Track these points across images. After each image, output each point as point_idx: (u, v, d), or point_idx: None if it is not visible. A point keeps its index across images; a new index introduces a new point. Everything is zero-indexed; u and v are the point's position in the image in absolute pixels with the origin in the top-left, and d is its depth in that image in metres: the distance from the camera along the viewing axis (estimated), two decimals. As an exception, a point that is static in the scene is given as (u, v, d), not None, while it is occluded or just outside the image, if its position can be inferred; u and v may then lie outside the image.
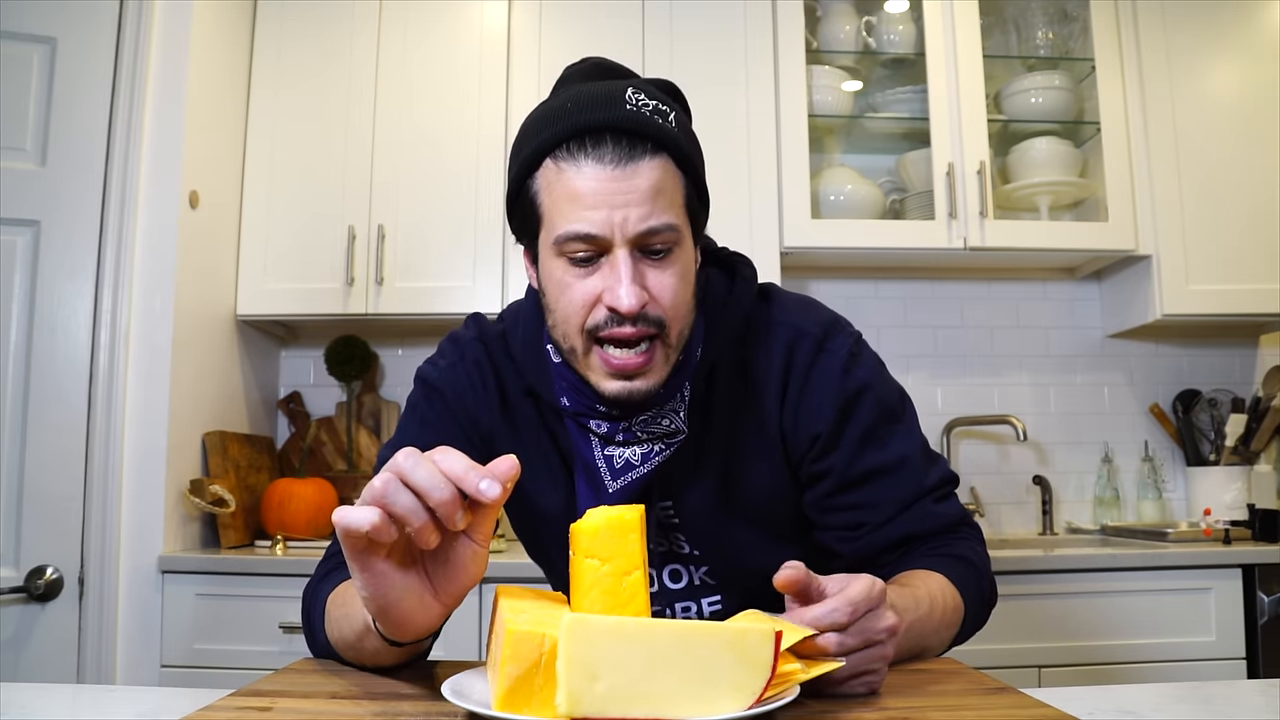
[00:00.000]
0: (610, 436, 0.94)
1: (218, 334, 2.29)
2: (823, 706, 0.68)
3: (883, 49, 2.55)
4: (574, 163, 0.84)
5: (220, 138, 2.29)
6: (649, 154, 0.84)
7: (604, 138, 0.83)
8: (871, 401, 0.97)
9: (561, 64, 0.97)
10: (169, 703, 0.77)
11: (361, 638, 0.79)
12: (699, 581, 1.03)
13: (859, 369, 0.97)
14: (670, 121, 0.87)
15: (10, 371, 1.91)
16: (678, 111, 0.90)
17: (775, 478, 0.99)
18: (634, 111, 0.85)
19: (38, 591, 1.87)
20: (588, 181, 0.83)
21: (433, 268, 2.34)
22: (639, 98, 0.86)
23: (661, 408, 0.94)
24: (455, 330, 1.07)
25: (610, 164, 0.83)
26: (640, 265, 0.85)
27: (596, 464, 0.95)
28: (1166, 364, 2.73)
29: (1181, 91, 2.45)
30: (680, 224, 0.87)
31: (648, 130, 0.84)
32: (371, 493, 0.64)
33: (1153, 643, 2.00)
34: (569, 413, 0.96)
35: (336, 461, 2.53)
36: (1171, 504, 2.64)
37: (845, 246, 2.40)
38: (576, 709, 0.57)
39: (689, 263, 0.90)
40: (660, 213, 0.84)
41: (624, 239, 0.84)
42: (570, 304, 0.87)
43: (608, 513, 0.71)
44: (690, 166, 0.88)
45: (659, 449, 0.95)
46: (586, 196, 0.83)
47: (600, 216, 0.83)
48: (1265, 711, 0.73)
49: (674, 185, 0.87)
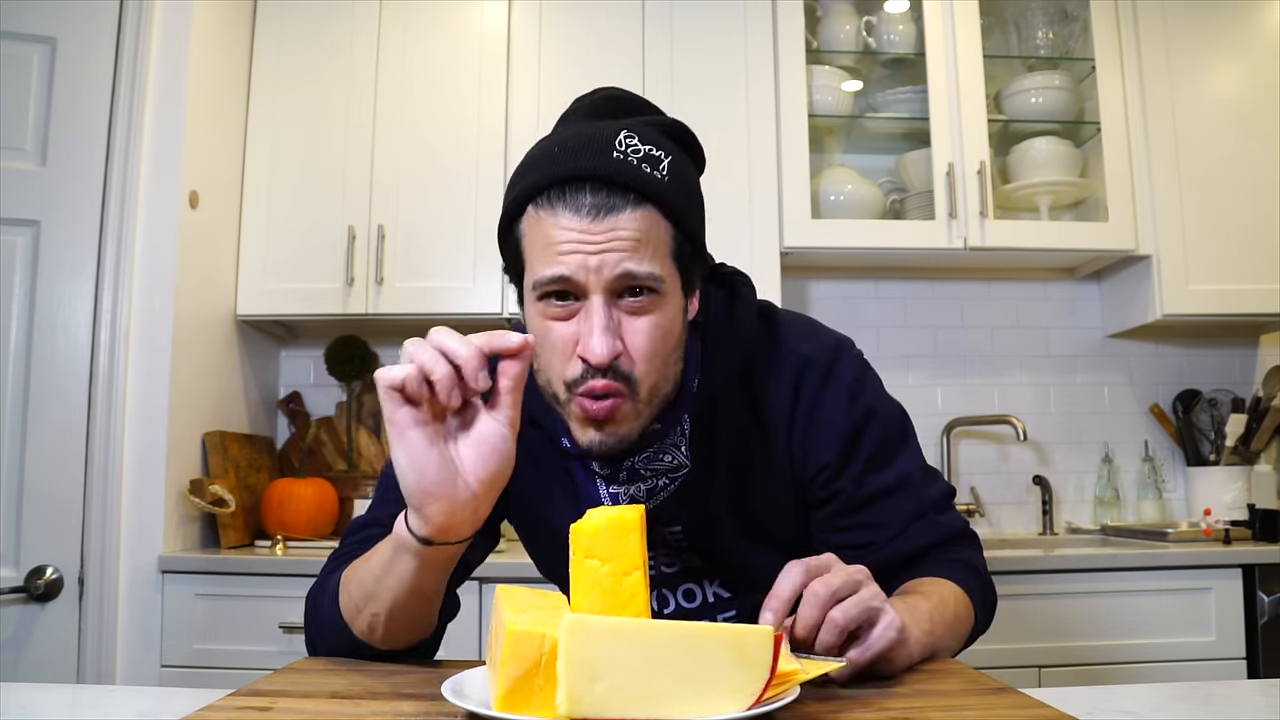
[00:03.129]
0: (613, 477, 0.96)
1: (218, 334, 2.29)
2: (823, 706, 0.68)
3: (883, 49, 2.55)
4: (552, 211, 0.83)
5: (220, 138, 2.29)
6: (630, 205, 0.82)
7: (584, 187, 0.82)
8: (877, 427, 0.98)
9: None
10: (169, 703, 0.77)
11: (391, 563, 0.79)
12: (713, 598, 1.03)
13: (864, 394, 0.98)
14: (661, 170, 0.84)
15: (10, 371, 1.91)
16: (676, 157, 0.87)
17: (784, 501, 1.00)
18: (619, 160, 0.82)
19: (38, 591, 1.87)
20: (564, 231, 0.82)
21: (433, 268, 2.34)
22: (631, 143, 0.84)
23: (661, 443, 0.94)
24: None
25: (588, 215, 0.81)
26: (616, 312, 0.83)
27: (602, 501, 0.97)
28: (1166, 364, 2.73)
29: (1181, 91, 2.45)
30: (664, 274, 0.84)
31: (631, 181, 0.82)
32: (405, 353, 0.71)
33: (1153, 643, 2.00)
34: (571, 454, 0.96)
35: (336, 461, 2.53)
36: (1171, 504, 2.64)
37: (845, 246, 2.41)
38: (576, 709, 0.57)
39: (674, 315, 0.87)
40: (638, 261, 0.82)
41: (600, 285, 0.82)
42: (550, 351, 0.86)
43: (608, 513, 0.71)
44: (680, 217, 0.85)
45: (664, 483, 0.96)
46: (562, 245, 0.82)
47: (576, 261, 0.81)
48: (1265, 711, 0.73)
49: (658, 235, 0.84)
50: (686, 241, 0.87)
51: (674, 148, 0.88)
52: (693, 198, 0.89)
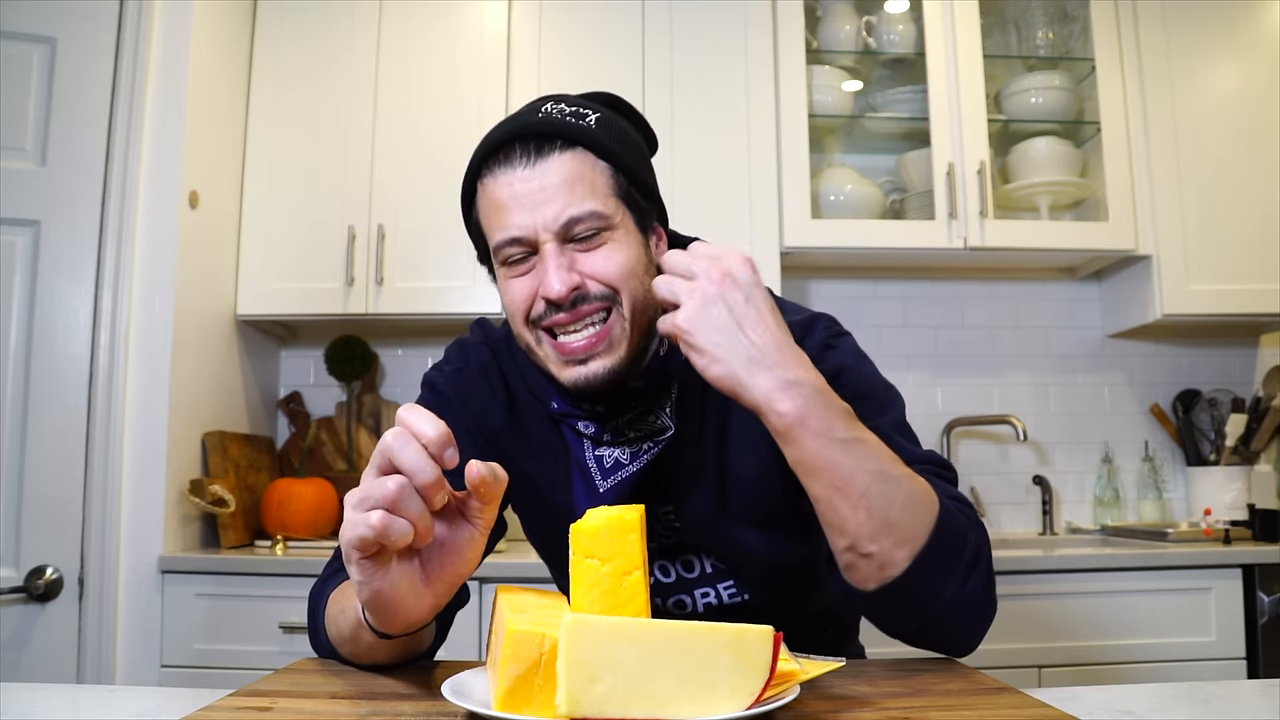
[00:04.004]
0: (598, 437, 0.97)
1: (218, 334, 2.29)
2: (823, 706, 0.68)
3: (883, 49, 2.55)
4: (492, 175, 0.89)
5: (220, 138, 2.29)
6: (558, 150, 0.88)
7: (513, 146, 0.88)
8: (848, 382, 0.91)
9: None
10: (169, 703, 0.77)
11: (355, 632, 0.80)
12: (711, 569, 1.03)
13: (835, 354, 0.96)
14: (587, 121, 0.90)
15: (10, 372, 1.91)
16: (604, 115, 0.92)
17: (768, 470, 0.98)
18: (544, 118, 0.89)
19: (38, 591, 1.87)
20: (503, 188, 0.88)
21: (433, 268, 2.34)
22: (557, 108, 0.91)
23: (650, 406, 0.96)
24: (461, 336, 1.10)
25: (520, 166, 0.87)
26: (569, 255, 0.88)
27: (588, 464, 0.98)
28: (1166, 364, 2.73)
29: (1181, 91, 2.45)
30: (607, 210, 0.88)
31: (555, 129, 0.88)
32: (364, 490, 0.67)
33: (1152, 643, 2.00)
34: (558, 415, 0.98)
35: (336, 461, 2.53)
36: (1171, 504, 2.64)
37: (845, 246, 2.40)
38: (576, 709, 0.57)
39: (632, 246, 0.91)
40: (579, 201, 0.87)
41: (547, 231, 0.87)
42: (513, 303, 0.91)
43: (607, 513, 0.71)
44: (613, 157, 0.90)
45: (648, 447, 0.96)
46: (507, 203, 0.88)
47: (523, 219, 0.87)
48: (1265, 711, 0.73)
49: (592, 174, 0.89)
50: (629, 180, 0.92)
51: (604, 110, 0.94)
52: (627, 144, 0.93)
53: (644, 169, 0.95)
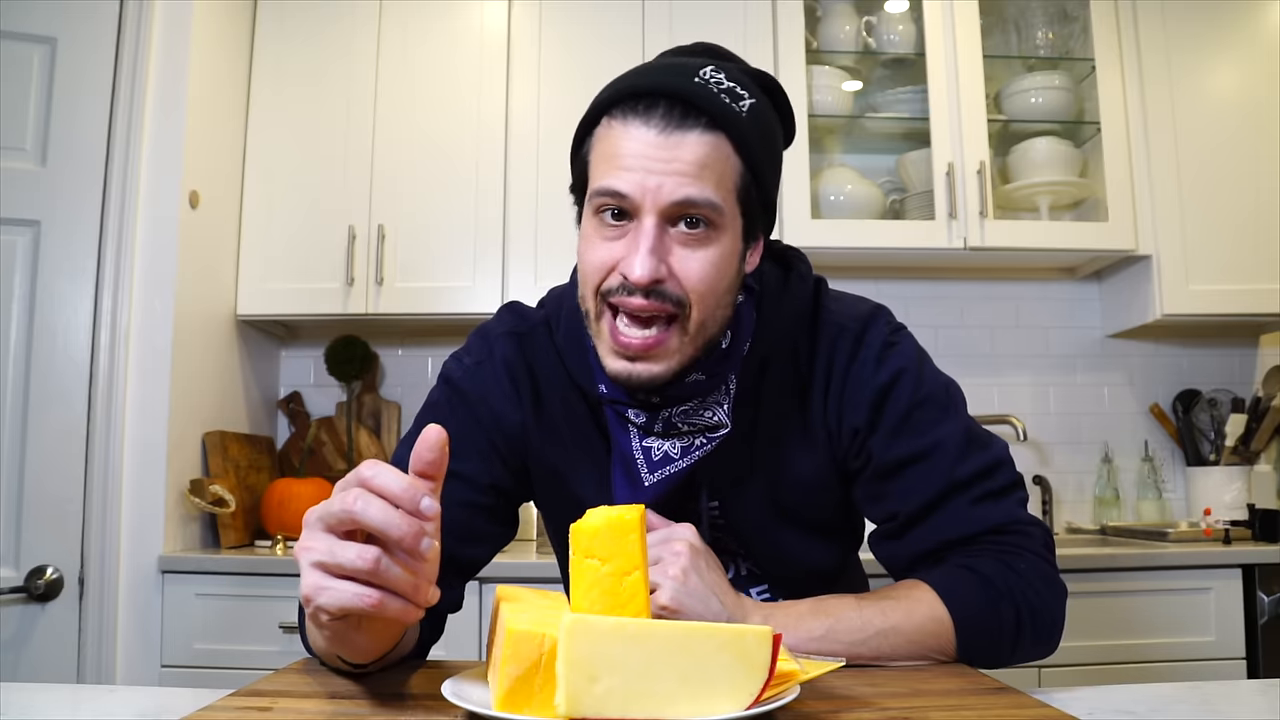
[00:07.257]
0: (649, 427, 0.91)
1: (218, 334, 2.29)
2: (822, 706, 0.68)
3: (883, 49, 2.55)
4: (624, 122, 0.82)
5: (220, 138, 2.29)
6: (702, 128, 0.81)
7: (658, 102, 0.81)
8: (908, 386, 0.93)
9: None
10: (169, 703, 0.76)
11: (329, 656, 0.79)
12: (745, 572, 1.01)
13: (894, 357, 0.95)
14: (741, 105, 0.83)
15: (10, 372, 1.92)
16: (760, 103, 0.85)
17: (820, 473, 0.96)
18: (699, 84, 0.82)
19: (38, 591, 1.87)
20: (631, 142, 0.81)
21: (433, 268, 2.34)
22: (715, 76, 0.83)
23: (704, 399, 0.91)
24: (486, 323, 1.04)
25: (657, 128, 0.81)
26: (667, 239, 0.82)
27: (634, 455, 0.92)
28: (1166, 364, 2.73)
29: (1181, 91, 2.45)
30: (724, 205, 0.82)
31: (706, 104, 0.81)
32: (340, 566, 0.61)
33: (1152, 643, 2.00)
34: (606, 400, 0.92)
35: (336, 461, 2.53)
36: (1171, 504, 2.64)
37: (845, 246, 2.40)
38: (576, 709, 0.57)
39: (729, 255, 0.85)
40: (701, 188, 0.81)
41: (654, 206, 0.81)
42: (590, 263, 0.85)
43: (607, 513, 0.71)
44: (750, 155, 0.84)
45: (700, 443, 0.91)
46: (626, 157, 0.81)
47: (635, 178, 0.81)
48: (1265, 711, 0.73)
49: (725, 166, 0.82)
50: (754, 184, 0.86)
51: (761, 96, 0.87)
52: (769, 144, 0.87)
53: (774, 176, 0.89)
